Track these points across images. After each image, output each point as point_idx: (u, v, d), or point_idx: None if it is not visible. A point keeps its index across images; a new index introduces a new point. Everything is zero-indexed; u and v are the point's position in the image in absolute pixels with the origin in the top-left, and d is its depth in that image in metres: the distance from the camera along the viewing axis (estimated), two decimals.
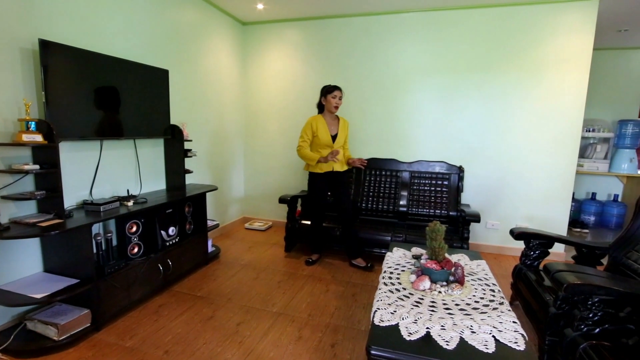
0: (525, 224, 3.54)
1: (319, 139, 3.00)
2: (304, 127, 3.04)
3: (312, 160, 2.97)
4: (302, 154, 3.02)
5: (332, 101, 2.98)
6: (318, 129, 2.99)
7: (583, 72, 3.21)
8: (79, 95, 2.21)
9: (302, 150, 3.01)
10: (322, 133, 3.00)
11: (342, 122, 3.13)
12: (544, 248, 2.41)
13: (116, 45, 2.58)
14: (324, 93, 3.01)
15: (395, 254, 2.24)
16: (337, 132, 3.07)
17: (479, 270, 2.04)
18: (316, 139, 3.01)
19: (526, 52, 3.33)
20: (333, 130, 3.07)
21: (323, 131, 3.00)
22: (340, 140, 3.10)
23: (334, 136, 3.05)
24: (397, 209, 3.60)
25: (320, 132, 2.99)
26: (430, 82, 3.64)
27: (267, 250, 3.58)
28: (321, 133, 3.00)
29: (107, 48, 2.50)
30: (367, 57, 3.80)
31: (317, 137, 3.00)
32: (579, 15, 3.16)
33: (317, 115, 3.07)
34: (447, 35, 3.53)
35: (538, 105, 3.37)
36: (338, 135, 3.06)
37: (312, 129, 3.00)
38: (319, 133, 2.99)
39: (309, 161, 3.01)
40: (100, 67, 2.32)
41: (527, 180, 3.48)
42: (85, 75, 2.23)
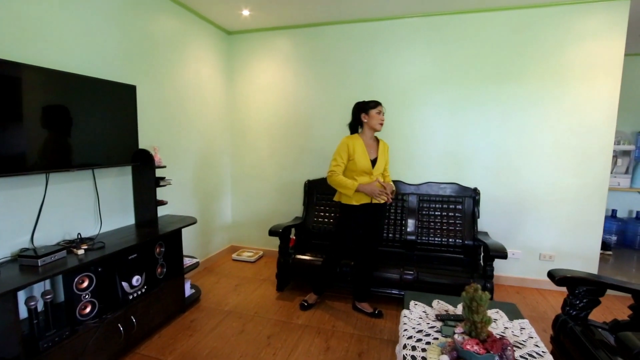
0: (551, 252, 3.11)
1: (356, 164, 2.46)
2: (338, 148, 2.52)
3: (350, 189, 2.42)
4: (336, 182, 2.47)
5: (376, 117, 2.48)
6: (355, 151, 2.46)
7: (614, 80, 2.82)
8: (13, 119, 1.74)
9: (335, 177, 2.47)
10: (361, 156, 2.47)
11: (382, 145, 2.60)
12: (593, 296, 1.97)
13: (72, 58, 2.13)
14: (365, 109, 2.51)
15: (413, 313, 1.78)
16: (377, 156, 2.54)
17: (526, 337, 1.58)
18: (352, 163, 2.48)
19: (548, 60, 2.94)
20: (372, 154, 2.53)
21: (361, 154, 2.47)
22: (380, 166, 2.54)
23: (373, 161, 2.52)
24: (404, 237, 3.16)
25: (358, 155, 2.46)
26: (438, 95, 3.23)
27: (256, 289, 3.09)
28: (359, 156, 2.46)
29: (60, 61, 2.05)
30: (368, 67, 3.39)
31: (354, 162, 2.46)
32: (608, 17, 2.79)
33: (354, 135, 2.55)
34: (456, 42, 3.14)
35: (563, 119, 2.97)
36: (378, 160, 2.53)
37: (348, 151, 2.47)
38: (357, 156, 2.46)
39: (344, 190, 2.46)
40: (43, 83, 1.87)
41: (552, 203, 3.06)
42: (25, 94, 1.77)
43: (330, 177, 2.50)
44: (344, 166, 2.51)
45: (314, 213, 3.44)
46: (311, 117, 3.62)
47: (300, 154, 3.70)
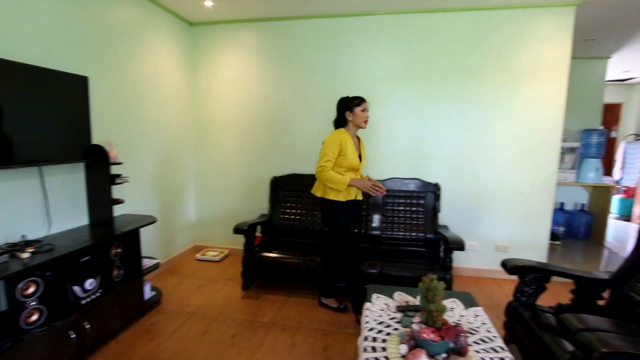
0: (506, 243, 3.29)
1: (347, 160, 2.40)
2: (328, 143, 2.40)
3: (342, 184, 2.35)
4: (327, 177, 2.36)
5: (361, 115, 2.43)
6: (347, 147, 2.40)
7: (561, 81, 3.03)
8: None
9: (326, 172, 2.36)
10: (351, 153, 2.42)
11: (361, 142, 2.62)
12: (540, 283, 2.11)
13: (9, 44, 1.96)
14: (350, 106, 2.44)
15: (375, 305, 1.82)
16: (360, 153, 2.55)
17: (479, 324, 1.67)
18: (342, 159, 2.40)
19: (503, 61, 3.10)
20: (357, 151, 2.53)
21: (352, 151, 2.43)
22: (363, 163, 2.58)
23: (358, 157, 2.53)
24: (369, 232, 3.22)
25: (350, 151, 2.41)
26: (402, 92, 3.31)
27: (221, 289, 3.03)
28: (350, 153, 2.41)
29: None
30: (334, 63, 3.41)
31: (345, 157, 2.40)
32: (556, 22, 2.98)
33: (343, 130, 2.47)
34: (419, 41, 3.23)
35: (517, 116, 3.14)
36: (362, 157, 2.55)
37: (340, 146, 2.39)
38: (348, 152, 2.40)
39: (336, 185, 2.36)
40: None
41: (507, 196, 3.24)
42: None
43: (320, 172, 2.39)
44: (334, 162, 2.41)
45: (280, 210, 3.42)
46: (277, 112, 3.59)
47: (267, 150, 3.66)
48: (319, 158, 2.42)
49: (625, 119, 6.42)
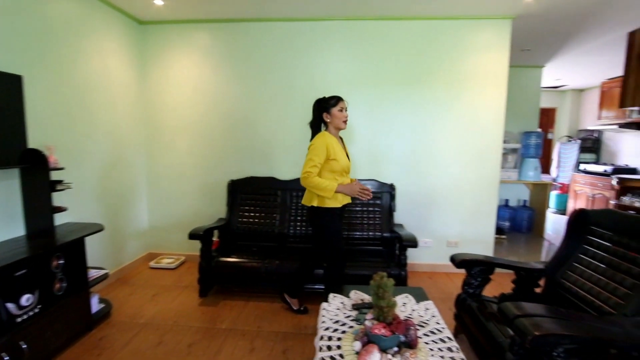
0: (456, 239, 3.49)
1: (338, 163, 2.26)
2: (314, 148, 2.22)
3: (330, 190, 2.18)
4: (314, 183, 2.18)
5: (339, 115, 2.29)
6: (336, 151, 2.26)
7: (501, 87, 3.27)
8: None
9: (312, 179, 2.18)
10: (341, 156, 2.29)
11: (344, 142, 2.48)
12: (485, 275, 2.26)
13: None
14: (326, 107, 2.29)
15: (332, 305, 1.85)
16: (347, 153, 2.44)
17: (429, 316, 1.75)
18: (334, 163, 2.26)
19: (450, 67, 3.29)
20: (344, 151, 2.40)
21: (342, 153, 2.30)
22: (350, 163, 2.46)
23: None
24: None
25: (339, 154, 2.27)
26: (356, 95, 3.39)
27: (176, 297, 2.92)
28: (340, 156, 2.28)
29: None
30: (290, 66, 3.42)
31: (336, 161, 2.26)
32: (495, 33, 3.22)
33: (327, 133, 2.31)
34: (372, 47, 3.34)
35: (462, 120, 3.34)
36: (348, 157, 2.44)
37: (327, 151, 2.22)
38: (338, 155, 2.26)
39: (323, 192, 2.20)
40: None
41: (456, 195, 3.44)
42: None
43: (306, 179, 2.20)
44: (320, 167, 2.25)
45: (238, 214, 3.37)
46: (233, 115, 3.53)
47: (223, 153, 3.58)
48: (304, 163, 2.23)
49: (559, 122, 7.07)
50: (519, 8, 2.99)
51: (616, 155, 5.97)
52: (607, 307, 1.76)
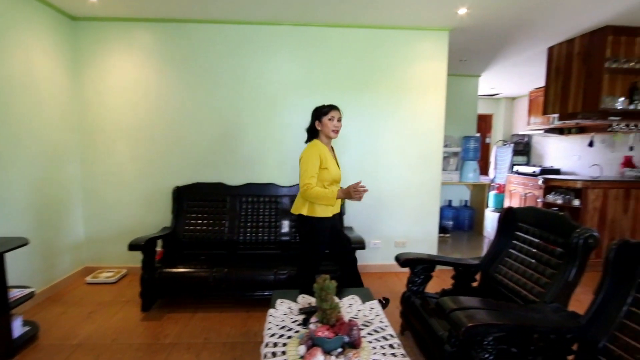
0: (404, 239, 3.63)
1: (329, 173, 2.24)
2: (308, 158, 2.20)
3: (331, 199, 2.15)
4: (315, 194, 2.14)
5: (328, 124, 2.26)
6: (327, 160, 2.24)
7: (440, 94, 3.48)
8: None
9: (313, 190, 2.14)
10: (332, 164, 2.28)
11: (334, 151, 2.45)
12: (427, 272, 2.38)
13: None
14: (318, 116, 2.29)
15: (279, 310, 1.84)
16: (337, 164, 2.41)
17: (374, 316, 1.80)
18: (324, 172, 2.23)
19: (394, 74, 3.44)
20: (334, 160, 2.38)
21: (332, 162, 2.29)
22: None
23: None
24: (279, 238, 3.24)
25: (330, 163, 2.26)
26: (306, 100, 3.42)
27: (116, 313, 2.72)
28: (331, 164, 2.26)
29: None
30: (239, 71, 3.37)
31: (328, 171, 2.23)
32: (434, 44, 3.42)
33: (318, 142, 2.29)
34: (320, 52, 3.40)
35: (406, 125, 3.50)
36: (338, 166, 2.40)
37: (320, 160, 2.21)
38: (329, 164, 2.24)
39: (325, 201, 2.17)
40: None
41: (402, 197, 3.58)
42: None
43: (307, 191, 2.15)
44: (317, 176, 2.21)
45: (185, 221, 3.24)
46: (179, 119, 3.39)
47: (168, 159, 3.42)
48: (301, 175, 2.20)
49: (495, 127, 7.67)
50: (454, 21, 3.21)
51: (543, 157, 6.60)
52: (531, 296, 1.93)
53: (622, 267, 1.52)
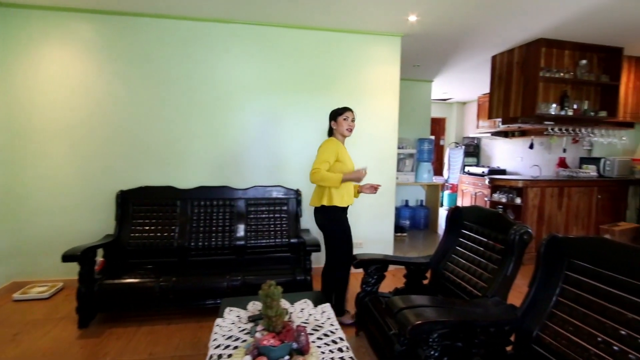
0: (361, 240, 3.66)
1: (346, 165, 2.50)
2: (325, 149, 2.45)
3: (336, 180, 2.39)
4: (321, 177, 2.37)
5: (343, 124, 2.53)
6: (344, 155, 2.52)
7: (394, 98, 3.56)
8: None
9: (320, 172, 2.37)
10: (348, 160, 2.55)
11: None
12: (380, 272, 2.40)
13: None
14: (334, 117, 2.57)
15: (226, 320, 1.76)
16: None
17: (325, 319, 1.78)
18: (340, 165, 2.49)
19: (349, 77, 3.48)
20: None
21: (348, 157, 2.55)
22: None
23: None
24: (233, 243, 3.14)
25: (346, 157, 2.53)
26: (261, 100, 3.36)
27: (48, 332, 2.48)
28: (347, 159, 2.53)
29: None
30: (191, 69, 3.23)
31: (342, 163, 2.49)
32: (388, 49, 3.51)
33: (333, 139, 2.55)
34: (275, 53, 3.35)
35: (361, 127, 3.53)
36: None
37: (337, 154, 2.47)
38: (345, 159, 2.52)
39: (330, 182, 2.40)
40: None
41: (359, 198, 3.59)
42: None
43: (315, 174, 2.38)
44: (329, 166, 2.44)
45: (130, 228, 3.04)
46: (124, 118, 3.18)
47: (111, 161, 3.19)
48: (315, 162, 2.42)
49: (448, 130, 8.04)
50: (405, 27, 3.31)
51: (491, 158, 7.03)
52: (475, 291, 2.01)
53: (551, 260, 1.63)
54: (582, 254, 1.53)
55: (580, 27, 3.26)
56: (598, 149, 4.75)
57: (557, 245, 1.62)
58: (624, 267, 1.35)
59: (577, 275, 1.53)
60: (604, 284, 1.41)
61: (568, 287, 1.54)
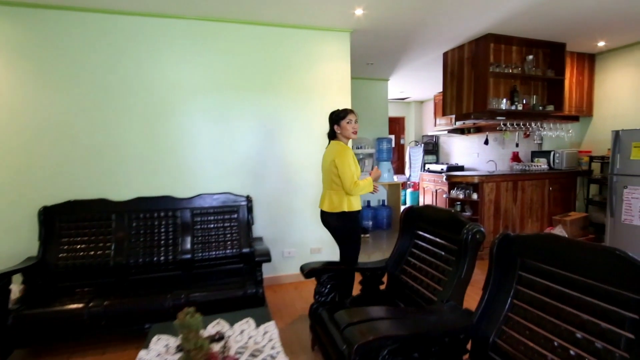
0: (319, 245, 3.50)
1: (358, 169, 2.48)
2: (345, 158, 2.37)
3: (370, 184, 2.46)
4: (362, 186, 2.41)
5: (348, 127, 2.46)
6: (354, 158, 2.47)
7: (346, 95, 3.44)
8: None
9: (359, 185, 2.40)
10: (356, 162, 2.48)
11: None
12: (335, 281, 2.24)
13: None
14: (336, 121, 2.48)
15: (152, 351, 1.52)
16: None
17: (266, 341, 1.58)
18: (356, 168, 2.47)
19: (298, 75, 3.31)
20: None
21: (356, 161, 2.48)
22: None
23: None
24: (179, 257, 2.87)
25: (356, 161, 2.47)
26: (203, 101, 3.11)
27: None
28: (356, 163, 2.48)
29: None
30: (124, 68, 2.92)
31: (357, 167, 2.48)
32: (337, 45, 3.38)
33: (341, 144, 2.50)
34: (218, 50, 3.11)
35: (313, 127, 3.39)
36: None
37: (353, 157, 2.44)
38: (356, 162, 2.47)
39: (368, 189, 2.46)
40: None
41: (313, 201, 3.44)
42: None
43: (355, 188, 2.39)
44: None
45: (58, 248, 2.69)
46: (43, 123, 2.80)
47: (29, 174, 2.78)
48: (344, 178, 2.37)
49: (408, 128, 8.11)
50: (352, 22, 3.19)
51: (450, 155, 7.14)
52: (432, 296, 1.90)
53: (504, 260, 1.54)
54: (535, 252, 1.44)
55: (525, 21, 3.30)
56: (548, 142, 4.91)
57: (510, 245, 1.53)
58: (577, 265, 1.27)
59: (531, 275, 1.44)
60: (557, 284, 1.33)
61: (522, 289, 1.45)
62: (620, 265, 1.14)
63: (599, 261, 1.22)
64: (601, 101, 4.45)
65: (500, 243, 1.54)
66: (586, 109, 4.47)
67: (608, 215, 3.60)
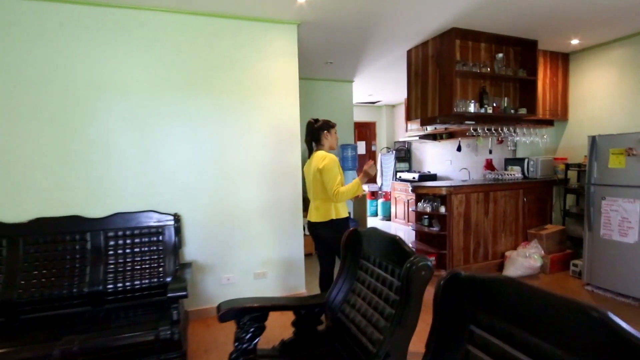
0: (264, 269, 3.04)
1: (342, 177, 2.50)
2: (331, 167, 2.37)
3: (359, 185, 2.41)
4: (345, 191, 2.37)
5: (335, 137, 2.59)
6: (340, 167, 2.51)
7: (294, 95, 3.03)
8: None
9: (341, 190, 2.37)
10: (342, 172, 2.51)
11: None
12: (259, 322, 1.80)
13: None
14: (327, 128, 2.53)
15: None
16: None
17: None
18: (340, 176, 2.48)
19: (239, 72, 2.88)
20: None
21: (341, 169, 2.51)
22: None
23: None
24: (87, 290, 2.38)
25: (341, 170, 2.49)
26: (122, 103, 2.63)
27: None
28: (342, 172, 2.51)
29: None
30: (11, 61, 2.41)
31: (341, 176, 2.49)
32: (283, 39, 2.98)
33: (325, 152, 2.49)
34: (139, 44, 2.65)
35: (256, 132, 2.95)
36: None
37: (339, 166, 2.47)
38: (341, 172, 2.49)
39: (355, 190, 2.39)
40: None
41: (257, 219, 2.99)
42: None
43: (337, 195, 2.36)
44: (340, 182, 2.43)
45: (23, 274, 2.28)
46: None
47: None
48: (329, 183, 2.36)
49: (379, 134, 7.77)
50: (297, 12, 2.80)
51: (422, 163, 6.82)
52: (370, 346, 1.49)
53: (452, 309, 1.14)
54: (491, 301, 1.05)
55: (492, 14, 2.99)
56: (522, 149, 4.62)
57: (460, 288, 1.13)
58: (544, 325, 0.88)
59: (486, 333, 1.04)
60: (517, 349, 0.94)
61: (474, 351, 1.05)
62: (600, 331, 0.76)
63: (572, 323, 0.83)
64: (577, 104, 4.20)
65: (446, 286, 1.14)
66: (561, 113, 4.21)
67: (586, 229, 3.29)
